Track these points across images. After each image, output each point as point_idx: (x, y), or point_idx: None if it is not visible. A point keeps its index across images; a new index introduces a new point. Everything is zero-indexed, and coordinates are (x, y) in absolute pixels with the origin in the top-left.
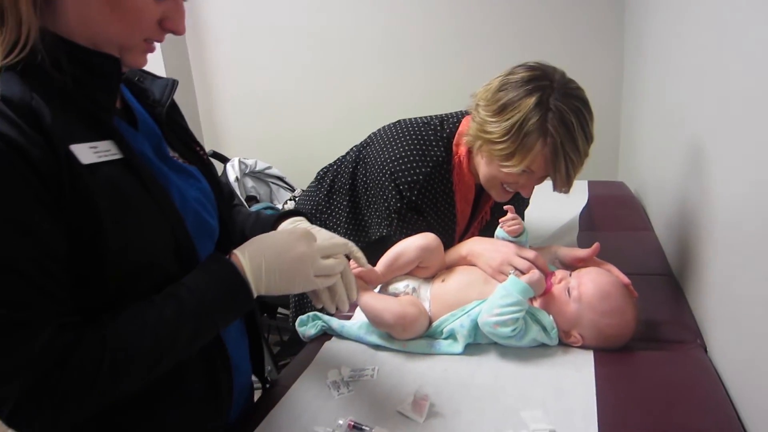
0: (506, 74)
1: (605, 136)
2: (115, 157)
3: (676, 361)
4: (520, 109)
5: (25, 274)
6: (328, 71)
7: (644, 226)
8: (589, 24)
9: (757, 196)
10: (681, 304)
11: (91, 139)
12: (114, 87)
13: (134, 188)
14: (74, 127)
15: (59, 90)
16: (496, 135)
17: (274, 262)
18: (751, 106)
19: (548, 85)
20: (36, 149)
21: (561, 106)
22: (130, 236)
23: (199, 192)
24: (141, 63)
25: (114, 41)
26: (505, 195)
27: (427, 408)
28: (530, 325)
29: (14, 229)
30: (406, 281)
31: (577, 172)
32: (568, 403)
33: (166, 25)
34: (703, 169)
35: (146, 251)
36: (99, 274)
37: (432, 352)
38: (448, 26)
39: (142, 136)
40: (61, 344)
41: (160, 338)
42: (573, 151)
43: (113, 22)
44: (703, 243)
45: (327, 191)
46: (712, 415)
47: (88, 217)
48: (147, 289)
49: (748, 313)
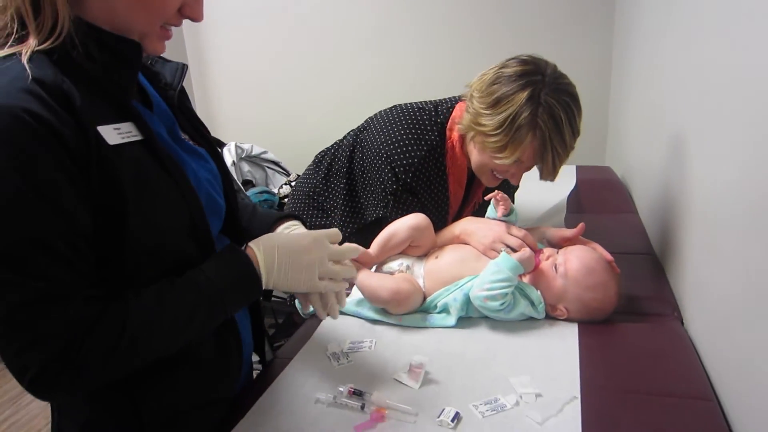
0: (500, 67)
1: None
2: (136, 139)
3: (654, 331)
4: (513, 104)
5: (57, 249)
6: (323, 57)
7: (629, 209)
8: (579, 11)
9: (730, 183)
10: (661, 280)
11: (114, 121)
12: (135, 71)
13: (154, 169)
14: (99, 109)
15: (85, 73)
16: (489, 128)
17: (286, 261)
18: (729, 98)
19: (540, 79)
20: (68, 130)
21: (551, 101)
22: (151, 215)
23: (208, 173)
24: (160, 50)
25: (136, 28)
26: (494, 181)
27: (422, 375)
28: (518, 300)
29: (48, 207)
30: (400, 260)
31: (562, 163)
32: (554, 370)
33: (185, 12)
34: (683, 157)
35: (165, 229)
36: (119, 252)
37: (426, 326)
38: (443, 14)
39: (157, 118)
40: (87, 316)
41: (178, 319)
42: (560, 145)
43: (138, 10)
44: (682, 225)
45: (325, 174)
46: (686, 380)
47: (114, 196)
48: (163, 267)
49: (720, 288)
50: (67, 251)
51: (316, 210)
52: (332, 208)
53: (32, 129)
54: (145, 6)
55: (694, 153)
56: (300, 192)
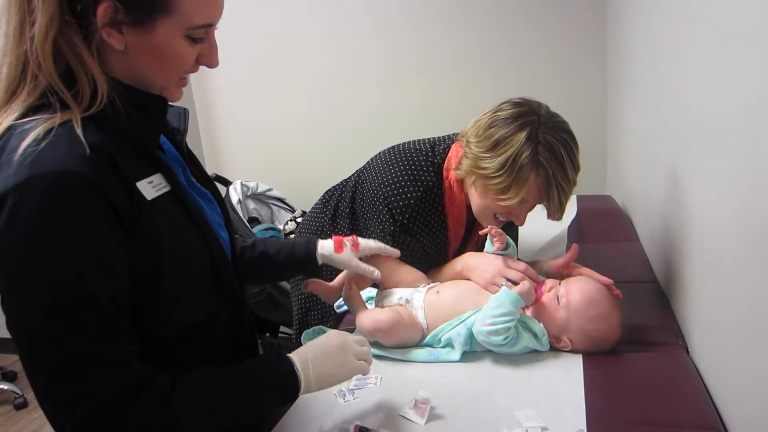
0: (494, 111)
1: (593, 151)
2: (165, 190)
3: (660, 361)
4: (513, 144)
5: (106, 309)
6: (327, 97)
7: (631, 237)
8: (574, 47)
9: (730, 211)
10: (665, 309)
11: (147, 174)
12: (161, 123)
13: (182, 218)
14: (135, 165)
15: (122, 131)
16: (490, 170)
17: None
18: (724, 126)
19: (536, 120)
20: (116, 192)
21: (550, 139)
22: (181, 263)
23: (216, 215)
24: (177, 97)
25: (157, 84)
26: (496, 225)
27: (428, 410)
28: (521, 333)
29: (99, 268)
30: (399, 294)
31: (568, 200)
32: (559, 403)
33: (201, 61)
34: (682, 185)
35: (192, 274)
36: (152, 305)
37: (431, 360)
38: (448, 54)
39: (173, 162)
40: (133, 382)
41: (217, 407)
42: (563, 180)
43: (157, 70)
44: (684, 253)
45: (331, 215)
46: (692, 410)
47: (150, 249)
48: (192, 320)
49: (725, 316)
50: (113, 310)
51: None
52: None
53: (86, 194)
54: (164, 65)
55: (692, 181)
56: (307, 230)
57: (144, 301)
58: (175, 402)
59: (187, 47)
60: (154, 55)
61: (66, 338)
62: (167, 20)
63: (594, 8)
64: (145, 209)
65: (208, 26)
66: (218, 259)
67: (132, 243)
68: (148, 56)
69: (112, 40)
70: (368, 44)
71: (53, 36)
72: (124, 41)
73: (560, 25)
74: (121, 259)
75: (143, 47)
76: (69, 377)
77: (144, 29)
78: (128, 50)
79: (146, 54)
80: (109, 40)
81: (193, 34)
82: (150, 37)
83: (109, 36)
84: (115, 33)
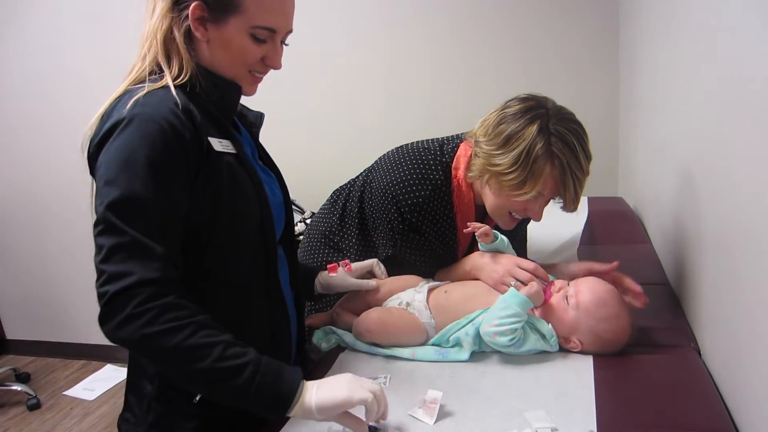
0: (501, 109)
1: (604, 153)
2: (232, 151)
3: (671, 363)
4: (525, 138)
5: (158, 220)
6: (335, 98)
7: (642, 239)
8: (586, 48)
9: (742, 212)
10: (677, 311)
11: (219, 137)
12: (234, 103)
13: (242, 175)
14: (210, 126)
15: (203, 101)
16: (504, 166)
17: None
18: (736, 127)
19: (545, 112)
20: (190, 138)
21: (561, 130)
22: (237, 209)
23: (277, 190)
24: (250, 92)
25: (227, 73)
26: (511, 223)
27: (437, 410)
28: (528, 334)
29: (160, 187)
30: (399, 298)
31: (582, 190)
32: (569, 404)
33: (266, 62)
34: (693, 187)
35: (243, 221)
36: (201, 248)
37: (440, 360)
38: (455, 54)
39: (245, 141)
40: (168, 286)
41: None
42: (578, 169)
43: (227, 60)
44: (696, 255)
45: (340, 215)
46: (704, 413)
47: (211, 194)
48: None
49: (737, 318)
50: (164, 225)
51: (331, 249)
52: (347, 247)
53: (167, 134)
54: (232, 57)
55: (705, 182)
56: (315, 231)
57: (193, 244)
58: (191, 327)
59: (251, 44)
60: (224, 47)
61: (122, 228)
62: (236, 19)
63: (606, 9)
64: (212, 158)
65: (270, 30)
66: (264, 212)
67: (196, 185)
68: (221, 48)
69: (198, 34)
70: (378, 45)
71: (164, 28)
72: (207, 35)
73: (572, 27)
74: (181, 192)
75: (218, 40)
76: (116, 258)
77: (220, 25)
78: (210, 42)
79: (220, 46)
80: (196, 33)
81: (255, 33)
82: (223, 32)
83: (197, 30)
84: (201, 28)
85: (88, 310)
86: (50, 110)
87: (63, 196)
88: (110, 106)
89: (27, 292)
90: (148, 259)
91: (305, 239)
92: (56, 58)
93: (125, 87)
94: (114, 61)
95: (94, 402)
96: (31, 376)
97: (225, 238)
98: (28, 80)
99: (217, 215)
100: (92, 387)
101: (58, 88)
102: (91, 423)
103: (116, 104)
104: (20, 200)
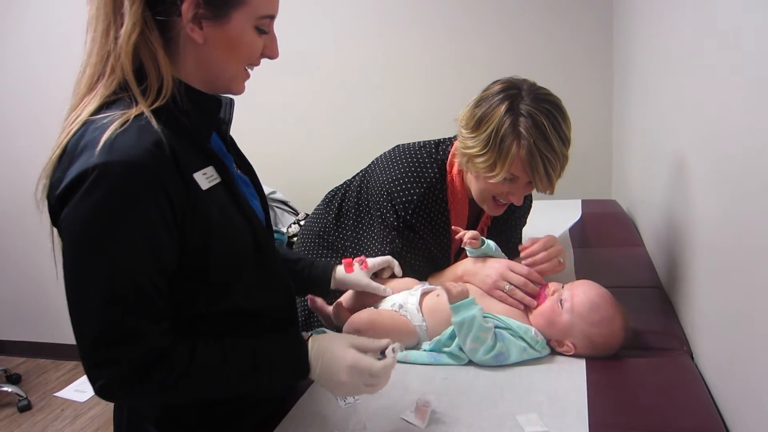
0: (482, 92)
1: (598, 156)
2: (217, 181)
3: (664, 367)
4: (493, 119)
5: (145, 288)
6: (330, 100)
7: (635, 242)
8: (580, 51)
9: (734, 216)
10: (669, 314)
11: (201, 166)
12: (214, 121)
13: (232, 206)
14: (191, 157)
15: (181, 125)
16: (476, 149)
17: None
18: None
19: (517, 93)
20: (174, 183)
21: (531, 110)
22: (229, 243)
23: (255, 199)
24: (242, 90)
25: (226, 74)
26: (498, 208)
27: (429, 414)
28: (511, 344)
29: (146, 250)
30: (392, 300)
31: (557, 173)
32: (562, 407)
33: (264, 53)
34: (686, 190)
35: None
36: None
37: (432, 363)
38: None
39: (224, 156)
40: (158, 351)
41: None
42: (548, 150)
43: (230, 60)
44: (689, 258)
45: (335, 215)
46: (696, 416)
47: (202, 234)
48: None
49: (730, 321)
50: (152, 290)
51: (326, 249)
52: (343, 247)
53: (149, 184)
54: (237, 56)
55: (698, 185)
56: (310, 231)
57: (193, 276)
58: (193, 372)
59: (256, 38)
60: (228, 45)
61: (107, 309)
62: (239, 12)
63: (600, 13)
64: (201, 198)
65: (272, 18)
66: (262, 241)
67: (186, 227)
68: (222, 47)
69: (194, 35)
70: (372, 48)
71: (135, 37)
72: (203, 35)
73: (566, 30)
74: (169, 245)
75: (219, 39)
76: (105, 343)
77: (220, 22)
78: (206, 43)
79: (221, 45)
80: (192, 34)
81: (260, 24)
82: (225, 29)
83: (192, 31)
84: (196, 28)
85: None
86: (45, 110)
87: None
88: (69, 143)
89: (18, 293)
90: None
91: (299, 240)
92: (51, 58)
93: (85, 115)
94: None
95: (85, 404)
96: (22, 377)
97: (216, 286)
98: (24, 81)
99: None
100: (84, 388)
101: (53, 89)
102: (82, 425)
103: (78, 140)
104: (12, 200)
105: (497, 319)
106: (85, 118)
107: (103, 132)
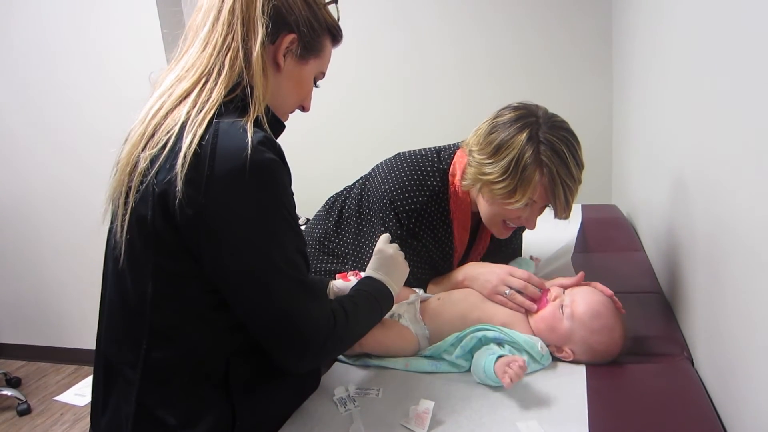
0: (493, 118)
1: (598, 160)
2: None
3: (664, 373)
4: (514, 147)
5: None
6: (331, 106)
7: (636, 247)
8: (579, 55)
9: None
10: (670, 319)
11: None
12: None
13: None
14: None
15: None
16: (495, 175)
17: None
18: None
19: (535, 120)
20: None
21: (551, 138)
22: None
23: None
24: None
25: (287, 107)
26: (505, 231)
27: (429, 420)
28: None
29: (295, 224)
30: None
31: (574, 198)
32: (562, 414)
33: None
34: (686, 195)
35: None
36: None
37: (433, 371)
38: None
39: None
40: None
41: (367, 320)
42: (568, 177)
43: (293, 94)
44: (689, 263)
45: (336, 221)
46: (697, 422)
47: None
48: None
49: (730, 327)
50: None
51: (326, 255)
52: (343, 253)
53: (287, 175)
54: (299, 93)
55: (698, 190)
56: (310, 237)
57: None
58: (351, 328)
59: (311, 85)
60: (297, 82)
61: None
62: (315, 60)
63: (600, 16)
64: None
65: (323, 75)
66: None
67: None
68: (293, 82)
69: (280, 61)
70: (373, 53)
71: (261, 54)
72: (284, 66)
73: (565, 35)
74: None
75: (293, 74)
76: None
77: (301, 62)
78: (282, 73)
79: (293, 80)
80: (280, 62)
81: (317, 77)
82: (301, 69)
83: (280, 59)
84: (283, 58)
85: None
86: (44, 114)
87: (56, 201)
88: (204, 139)
89: (19, 296)
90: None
91: None
92: (49, 62)
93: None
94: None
95: (84, 408)
96: (21, 380)
97: None
98: (22, 84)
99: None
100: (83, 392)
101: (51, 93)
102: (81, 429)
103: (211, 138)
104: (13, 204)
105: (502, 332)
106: (207, 119)
107: (246, 134)
